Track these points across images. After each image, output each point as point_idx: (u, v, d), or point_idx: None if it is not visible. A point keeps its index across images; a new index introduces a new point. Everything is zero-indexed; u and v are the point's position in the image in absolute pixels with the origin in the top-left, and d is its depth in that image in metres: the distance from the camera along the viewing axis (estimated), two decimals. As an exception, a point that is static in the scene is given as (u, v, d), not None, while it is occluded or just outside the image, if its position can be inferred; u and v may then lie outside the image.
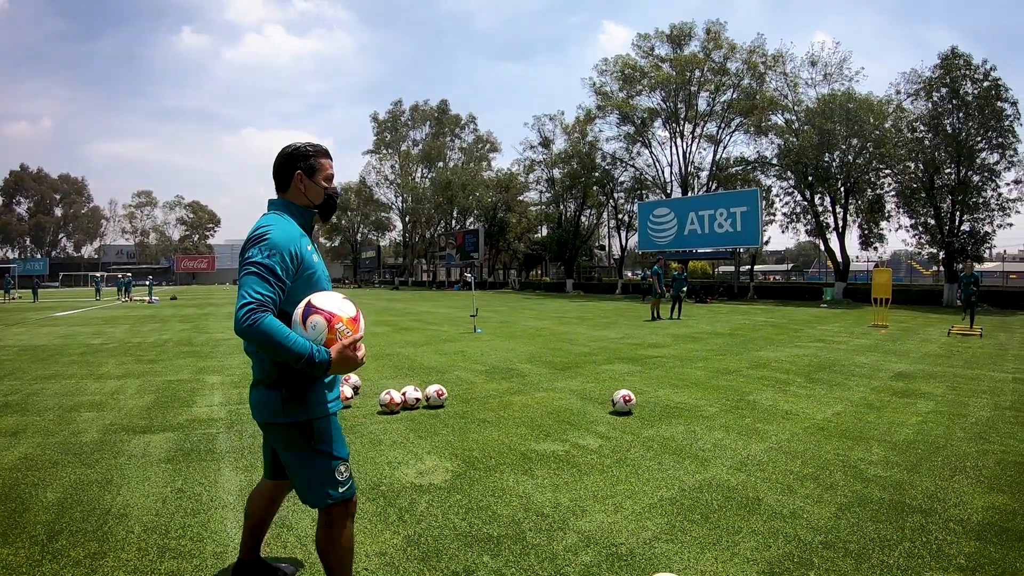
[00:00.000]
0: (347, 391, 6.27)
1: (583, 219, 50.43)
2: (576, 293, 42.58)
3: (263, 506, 2.61)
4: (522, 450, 4.76)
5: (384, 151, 70.14)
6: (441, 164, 65.90)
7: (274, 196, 2.37)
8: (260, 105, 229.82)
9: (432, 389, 6.26)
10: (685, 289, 19.93)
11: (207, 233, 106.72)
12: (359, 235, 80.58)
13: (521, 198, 56.95)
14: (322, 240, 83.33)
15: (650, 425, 5.59)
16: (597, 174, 44.80)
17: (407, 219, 69.37)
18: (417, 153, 68.16)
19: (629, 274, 57.02)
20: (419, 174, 68.44)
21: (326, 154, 2.38)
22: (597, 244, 58.48)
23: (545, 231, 55.29)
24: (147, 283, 37.65)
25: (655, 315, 18.18)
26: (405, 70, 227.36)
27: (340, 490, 2.26)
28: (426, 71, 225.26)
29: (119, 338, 13.29)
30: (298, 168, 2.31)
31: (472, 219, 61.85)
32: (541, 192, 54.11)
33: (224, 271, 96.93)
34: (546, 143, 49.76)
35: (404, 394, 6.10)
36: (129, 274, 47.41)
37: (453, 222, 64.47)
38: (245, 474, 4.21)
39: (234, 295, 10.74)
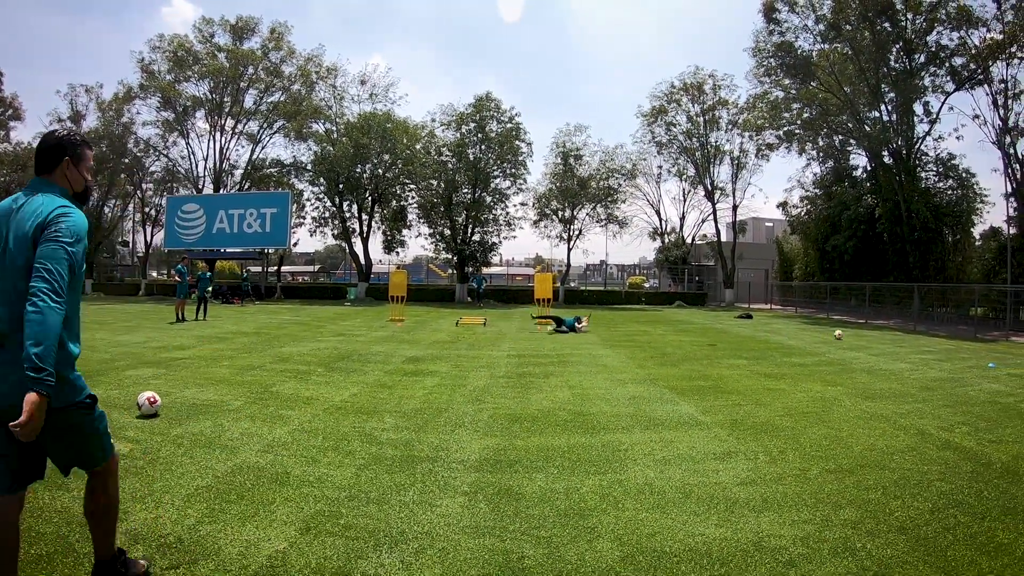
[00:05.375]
0: None
1: (106, 210, 43.58)
2: (95, 295, 36.42)
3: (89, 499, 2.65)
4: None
5: None
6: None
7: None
8: None
9: None
10: (210, 289, 19.45)
11: None
12: None
13: (37, 179, 45.28)
14: None
15: (179, 424, 5.49)
16: (127, 160, 39.45)
17: None
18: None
19: (155, 274, 51.80)
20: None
21: (89, 145, 2.56)
22: (120, 240, 51.46)
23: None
24: None
25: (180, 317, 17.24)
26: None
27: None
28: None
29: None
30: (67, 155, 2.43)
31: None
32: (61, 175, 44.16)
33: None
34: (76, 117, 40.74)
35: None
36: None
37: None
38: None
39: None
